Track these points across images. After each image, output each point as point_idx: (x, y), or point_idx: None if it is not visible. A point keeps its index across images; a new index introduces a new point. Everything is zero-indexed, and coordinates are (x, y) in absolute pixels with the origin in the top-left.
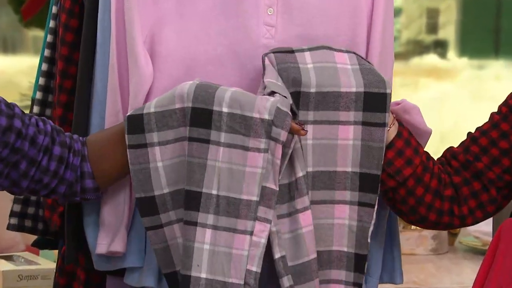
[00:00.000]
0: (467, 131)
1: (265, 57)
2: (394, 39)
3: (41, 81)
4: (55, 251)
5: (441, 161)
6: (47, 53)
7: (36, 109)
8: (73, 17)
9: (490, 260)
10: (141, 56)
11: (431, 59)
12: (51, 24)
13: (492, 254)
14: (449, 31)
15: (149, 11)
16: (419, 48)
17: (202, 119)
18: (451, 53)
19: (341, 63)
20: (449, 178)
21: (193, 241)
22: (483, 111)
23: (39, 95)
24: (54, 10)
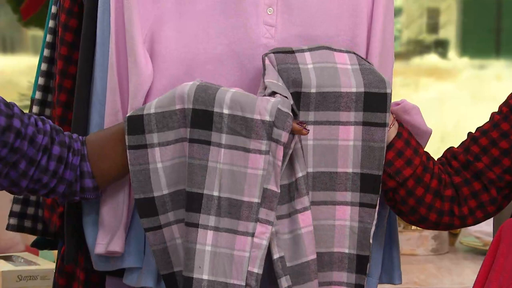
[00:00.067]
0: (467, 131)
1: (265, 57)
2: (394, 39)
3: (41, 80)
4: (55, 252)
5: (441, 161)
6: (46, 52)
7: (35, 109)
8: (73, 17)
9: (490, 260)
10: (140, 55)
11: (432, 59)
12: (51, 23)
13: (492, 254)
14: (449, 31)
15: (148, 10)
16: (420, 48)
17: (203, 121)
18: (452, 53)
19: (341, 63)
20: (449, 178)
21: (195, 242)
22: (484, 111)
23: (38, 95)
24: (53, 9)
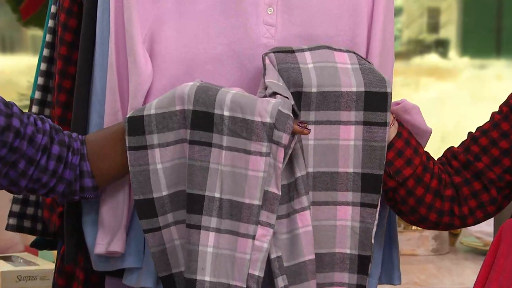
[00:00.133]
0: (468, 131)
1: (265, 56)
2: (395, 38)
3: (40, 80)
4: (54, 252)
5: (441, 161)
6: (46, 52)
7: (35, 109)
8: (72, 17)
9: (491, 260)
10: (140, 55)
11: (432, 58)
12: (50, 23)
13: (493, 254)
14: (450, 31)
15: (148, 10)
16: (420, 47)
17: (203, 122)
18: (452, 53)
19: (341, 63)
20: (449, 178)
21: (197, 244)
22: (484, 110)
23: (38, 95)
24: (53, 9)
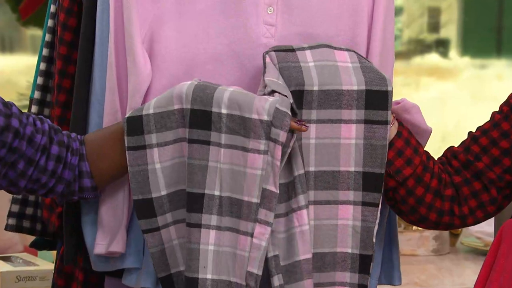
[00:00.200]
0: (468, 130)
1: (266, 55)
2: (395, 38)
3: (39, 80)
4: (53, 252)
5: (441, 161)
6: (45, 52)
7: (34, 109)
8: (72, 16)
9: (491, 261)
10: (139, 55)
11: (433, 58)
12: (50, 23)
13: (493, 255)
14: (450, 30)
15: (148, 10)
16: (421, 47)
17: (201, 121)
18: (453, 52)
19: (341, 61)
20: (449, 177)
21: (198, 243)
22: (485, 110)
23: (37, 95)
24: (52, 9)
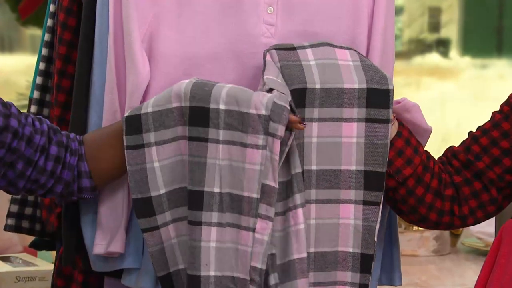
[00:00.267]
0: (469, 130)
1: (266, 53)
2: (395, 38)
3: (39, 80)
4: (53, 252)
5: (441, 161)
6: (44, 52)
7: (33, 109)
8: (71, 16)
9: (491, 261)
10: (138, 55)
11: (433, 58)
12: (49, 22)
13: (493, 255)
14: (451, 30)
15: (147, 10)
16: (421, 47)
17: (200, 118)
18: (454, 52)
19: (342, 60)
20: (449, 177)
21: (200, 240)
22: (486, 110)
23: (36, 95)
24: (52, 8)
